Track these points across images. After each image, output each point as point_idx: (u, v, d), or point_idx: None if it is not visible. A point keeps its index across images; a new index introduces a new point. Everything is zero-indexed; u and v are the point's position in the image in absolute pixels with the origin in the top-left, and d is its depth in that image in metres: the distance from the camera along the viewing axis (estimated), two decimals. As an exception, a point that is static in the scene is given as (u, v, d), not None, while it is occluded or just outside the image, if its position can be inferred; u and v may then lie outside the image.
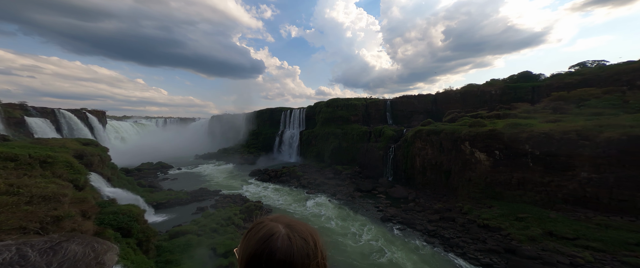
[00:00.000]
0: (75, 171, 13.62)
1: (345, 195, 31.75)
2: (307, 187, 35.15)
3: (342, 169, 42.55)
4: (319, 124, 54.69)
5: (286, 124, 64.21)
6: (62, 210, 7.53)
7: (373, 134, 44.14)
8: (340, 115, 52.22)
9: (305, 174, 40.34)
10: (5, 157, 10.81)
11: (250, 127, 70.48)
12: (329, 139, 50.26)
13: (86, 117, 50.14)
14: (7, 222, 6.09)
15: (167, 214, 23.55)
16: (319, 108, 57.32)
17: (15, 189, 7.85)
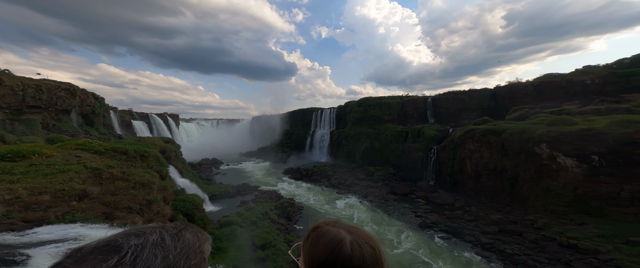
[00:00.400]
0: (161, 164, 17.29)
1: (378, 198, 30.15)
2: (338, 187, 34.99)
3: (374, 170, 40.59)
4: (350, 124, 53.96)
5: (317, 124, 65.66)
6: (152, 195, 9.32)
7: (410, 134, 40.99)
8: (373, 115, 50.43)
9: (336, 174, 40.25)
10: (121, 152, 14.64)
11: (284, 127, 75.05)
12: (361, 139, 48.73)
13: (167, 120, 64.82)
14: (121, 202, 7.49)
15: (218, 205, 25.93)
16: (350, 108, 56.68)
17: (126, 176, 9.71)
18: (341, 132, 54.46)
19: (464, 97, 45.68)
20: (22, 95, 25.00)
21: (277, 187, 35.18)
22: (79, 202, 5.90)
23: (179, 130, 69.18)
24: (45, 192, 5.51)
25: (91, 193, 6.33)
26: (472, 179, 28.55)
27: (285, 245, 16.07)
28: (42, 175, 6.73)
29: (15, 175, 6.43)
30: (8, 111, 23.93)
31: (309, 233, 0.90)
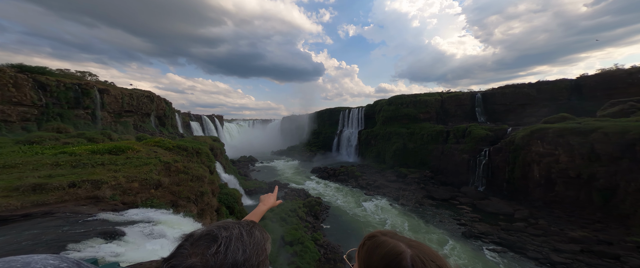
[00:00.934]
0: (210, 160, 19.87)
1: (411, 201, 27.91)
2: (366, 188, 33.86)
3: (407, 172, 37.62)
4: (379, 123, 51.57)
5: (344, 123, 64.95)
6: (204, 187, 10.32)
7: (453, 134, 36.39)
8: (406, 113, 46.98)
9: (364, 175, 39.06)
10: (182, 148, 17.57)
11: (312, 126, 76.77)
12: (391, 139, 45.91)
13: (214, 121, 75.59)
14: (182, 192, 8.53)
15: (253, 199, 27.04)
16: (379, 106, 54.27)
17: (186, 170, 10.76)
18: (370, 132, 52.47)
19: (529, 90, 37.53)
20: (121, 102, 33.45)
21: (304, 186, 36.28)
22: (156, 190, 7.58)
23: (222, 129, 79.74)
24: (135, 180, 7.31)
25: (163, 183, 8.04)
26: (542, 187, 23.14)
27: (312, 243, 16.55)
28: (133, 166, 8.90)
29: (117, 166, 8.73)
30: (113, 114, 32.42)
31: (365, 241, 0.86)
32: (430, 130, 40.03)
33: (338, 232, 20.96)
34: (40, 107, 23.84)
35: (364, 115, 58.77)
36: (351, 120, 62.13)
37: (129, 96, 35.18)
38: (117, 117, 32.98)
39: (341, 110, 67.30)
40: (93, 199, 5.51)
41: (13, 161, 7.61)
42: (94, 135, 16.02)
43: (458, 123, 40.59)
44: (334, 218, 23.99)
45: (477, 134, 32.31)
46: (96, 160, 8.55)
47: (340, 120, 66.34)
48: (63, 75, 29.11)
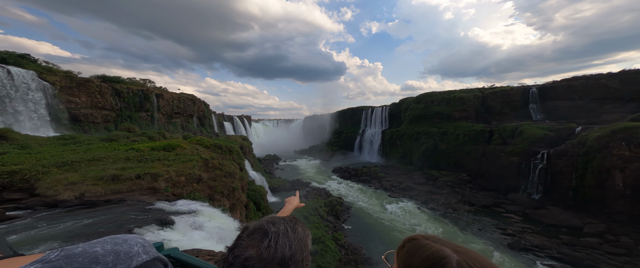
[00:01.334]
0: (240, 157, 21.79)
1: (443, 206, 25.53)
2: (390, 190, 32.37)
3: (438, 175, 34.56)
4: (406, 123, 48.55)
5: (367, 122, 63.30)
6: (235, 183, 11.12)
7: (498, 134, 32.03)
8: (437, 112, 43.16)
9: (388, 176, 37.52)
10: (218, 146, 19.62)
11: (333, 126, 76.84)
12: (420, 139, 42.68)
13: (243, 121, 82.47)
14: (218, 187, 9.34)
15: (277, 197, 27.91)
16: (406, 105, 51.20)
17: (221, 167, 11.52)
18: (395, 132, 49.87)
19: (609, 82, 30.22)
20: (172, 105, 39.38)
21: (326, 185, 36.45)
22: (197, 184, 8.74)
23: (250, 129, 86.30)
24: (182, 175, 8.58)
25: (203, 178, 9.23)
26: (626, 199, 18.46)
27: (333, 242, 16.55)
28: (181, 162, 10.43)
29: (169, 161, 10.35)
30: (165, 116, 38.39)
31: (404, 243, 0.83)
32: (468, 129, 35.79)
33: (360, 234, 20.52)
34: (117, 110, 29.81)
35: (388, 114, 56.48)
36: (374, 120, 60.25)
37: (177, 100, 41.08)
38: (168, 118, 38.92)
39: (363, 110, 65.69)
40: (152, 190, 6.69)
41: (99, 155, 9.79)
42: (152, 134, 19.25)
43: (505, 122, 35.21)
44: (355, 219, 23.59)
45: (532, 134, 27.43)
46: (154, 156, 10.31)
47: (363, 120, 64.79)
48: (131, 83, 35.68)
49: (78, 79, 26.26)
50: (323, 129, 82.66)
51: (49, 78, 23.35)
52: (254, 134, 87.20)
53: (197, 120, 48.27)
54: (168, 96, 39.09)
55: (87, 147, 11.61)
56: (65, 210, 4.77)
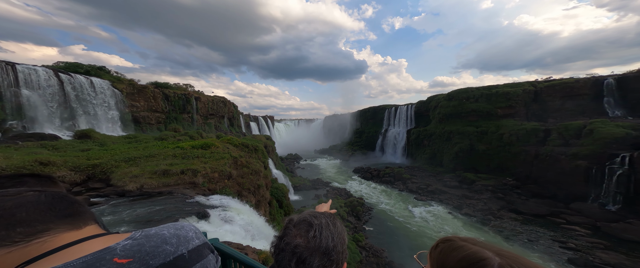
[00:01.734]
0: (264, 156, 23.17)
1: (482, 212, 22.86)
2: (416, 193, 30.43)
3: (475, 178, 31.03)
4: (435, 121, 44.73)
5: (390, 122, 60.56)
6: (260, 181, 12.84)
7: (557, 134, 27.39)
8: (474, 109, 38.74)
9: (414, 177, 35.30)
10: (245, 145, 21.51)
11: (354, 126, 75.52)
12: (452, 139, 38.75)
13: (267, 121, 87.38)
14: (245, 184, 10.12)
15: (298, 195, 28.84)
16: (435, 102, 47.32)
17: (248, 164, 12.57)
18: (422, 131, 46.41)
19: None
20: (207, 107, 44.22)
21: (346, 185, 36.02)
22: (228, 180, 9.69)
23: (273, 129, 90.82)
24: (216, 171, 9.64)
25: (233, 175, 10.18)
26: None
27: (354, 243, 16.32)
28: (214, 159, 11.68)
29: (206, 159, 11.70)
30: (202, 117, 43.31)
31: (438, 244, 0.80)
32: (516, 128, 31.10)
33: (382, 236, 19.82)
34: (166, 112, 34.87)
35: (414, 113, 53.17)
36: (398, 119, 57.30)
37: (211, 102, 45.85)
38: (204, 119, 43.75)
39: (386, 108, 62.93)
40: (192, 184, 7.71)
41: (153, 152, 11.68)
42: (193, 134, 21.98)
43: (566, 119, 29.52)
44: (377, 221, 22.79)
45: (607, 134, 22.37)
46: (194, 154, 11.79)
47: (386, 119, 62.14)
48: (176, 88, 41.17)
49: (138, 86, 31.57)
50: (343, 129, 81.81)
51: (118, 86, 28.64)
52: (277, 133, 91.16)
53: (227, 121, 53.06)
54: (204, 99, 43.91)
55: (144, 145, 13.94)
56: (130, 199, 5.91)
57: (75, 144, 14.01)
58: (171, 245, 0.63)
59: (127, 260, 0.54)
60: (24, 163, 7.29)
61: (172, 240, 0.64)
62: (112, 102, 27.37)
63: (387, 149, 56.31)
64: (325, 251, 0.69)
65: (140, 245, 0.58)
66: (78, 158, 9.01)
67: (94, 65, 30.49)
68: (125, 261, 0.54)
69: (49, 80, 22.59)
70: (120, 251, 0.55)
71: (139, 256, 0.56)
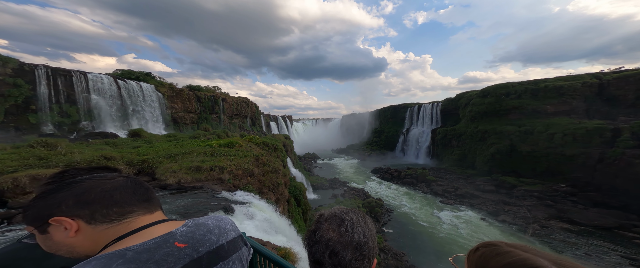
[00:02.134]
0: (283, 155, 24.03)
1: (524, 220, 20.28)
2: (442, 196, 28.32)
3: (516, 183, 27.65)
4: (466, 120, 40.80)
5: (413, 121, 57.27)
6: (279, 179, 11.81)
7: (631, 134, 23.03)
8: (515, 106, 34.42)
9: (440, 180, 32.87)
10: (265, 144, 22.17)
11: (373, 125, 73.43)
12: (487, 140, 34.94)
13: (286, 121, 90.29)
14: (266, 182, 10.23)
15: (316, 194, 28.96)
16: (466, 100, 43.40)
17: (268, 163, 12.62)
18: (450, 130, 42.70)
19: None
20: (232, 108, 47.72)
21: (365, 186, 35.22)
22: (250, 177, 10.37)
23: (292, 128, 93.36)
24: (240, 169, 10.40)
25: (254, 172, 10.86)
26: None
27: (373, 246, 15.89)
28: (239, 157, 12.58)
29: (231, 156, 12.69)
30: (228, 117, 46.89)
31: (479, 247, 0.73)
32: (573, 127, 26.60)
33: (403, 239, 18.95)
34: (198, 113, 38.74)
35: (440, 111, 49.67)
36: (422, 117, 53.95)
37: (236, 103, 49.28)
38: (230, 119, 47.29)
39: (408, 107, 59.66)
40: (219, 180, 8.48)
41: (188, 150, 13.14)
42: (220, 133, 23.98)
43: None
44: (397, 224, 21.83)
45: None
46: (221, 152, 12.89)
47: (407, 118, 58.97)
48: (206, 90, 45.30)
49: (176, 89, 35.67)
50: (362, 128, 79.88)
51: (161, 89, 32.78)
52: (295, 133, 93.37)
53: (250, 121, 56.35)
54: (230, 100, 47.40)
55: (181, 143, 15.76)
56: (170, 192, 6.81)
57: (129, 142, 16.62)
58: (214, 234, 0.71)
59: (184, 245, 0.63)
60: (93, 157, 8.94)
61: (215, 230, 0.72)
62: (156, 104, 31.54)
63: (409, 149, 53.46)
64: (358, 246, 0.70)
65: (192, 233, 0.67)
66: (131, 154, 10.67)
67: (142, 72, 35.43)
68: (183, 245, 0.63)
69: (110, 86, 27.05)
70: (179, 236, 0.65)
71: (192, 242, 0.65)
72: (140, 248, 0.57)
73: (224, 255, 0.70)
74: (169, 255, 0.59)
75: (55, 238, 0.59)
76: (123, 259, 0.54)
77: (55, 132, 21.59)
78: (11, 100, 20.24)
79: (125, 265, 0.53)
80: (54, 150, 9.48)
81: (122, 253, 0.55)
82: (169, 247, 0.61)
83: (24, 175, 5.37)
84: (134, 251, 0.56)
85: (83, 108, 24.22)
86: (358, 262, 0.70)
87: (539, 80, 34.72)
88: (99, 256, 0.55)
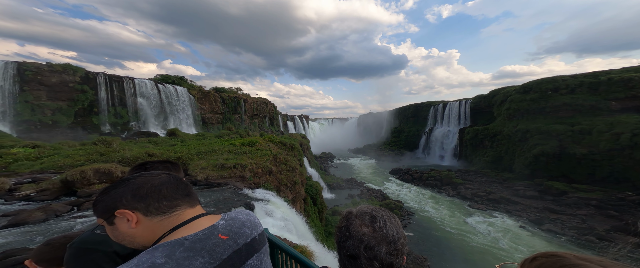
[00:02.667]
0: (300, 154, 24.55)
1: (577, 231, 17.65)
2: (471, 200, 25.88)
3: (567, 189, 24.34)
4: (502, 118, 36.95)
5: (437, 120, 53.45)
6: (296, 178, 12.12)
7: None
8: (567, 102, 30.20)
9: (468, 182, 30.26)
10: (283, 143, 18.47)
11: (392, 124, 70.49)
12: (529, 140, 31.16)
13: (302, 120, 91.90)
14: (283, 180, 10.45)
15: (332, 194, 28.61)
16: (502, 96, 39.27)
17: (285, 162, 12.89)
18: (482, 130, 38.91)
19: None
20: (253, 108, 50.40)
21: (383, 187, 33.98)
22: (269, 175, 10.87)
23: (308, 128, 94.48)
24: (259, 167, 10.98)
25: (273, 171, 11.35)
26: None
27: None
28: (258, 156, 13.27)
29: (252, 155, 13.45)
30: (249, 117, 49.63)
31: (538, 256, 0.67)
32: None
33: (425, 244, 17.90)
34: (222, 113, 41.84)
35: (469, 110, 45.71)
36: (448, 116, 50.17)
37: (256, 103, 51.87)
38: (250, 119, 50.00)
39: (432, 105, 55.91)
40: (241, 178, 9.08)
41: (215, 148, 14.33)
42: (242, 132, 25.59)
43: None
44: (419, 228, 20.63)
45: None
46: (243, 150, 13.76)
47: (431, 117, 55.29)
48: (229, 92, 48.57)
49: (204, 91, 39.04)
50: (379, 128, 77.08)
51: (192, 92, 36.23)
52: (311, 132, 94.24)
53: (268, 120, 58.74)
54: (251, 101, 50.06)
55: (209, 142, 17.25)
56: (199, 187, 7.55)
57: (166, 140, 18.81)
58: (248, 228, 0.78)
59: (226, 237, 0.70)
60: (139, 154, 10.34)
61: (247, 224, 0.79)
62: (188, 105, 35.02)
63: (433, 150, 50.06)
64: (391, 241, 0.72)
65: (230, 226, 0.74)
66: (168, 152, 12.07)
67: (177, 76, 39.59)
68: (225, 237, 0.70)
69: (152, 90, 30.85)
70: (221, 229, 0.71)
71: (231, 235, 0.72)
72: (194, 238, 0.65)
73: (256, 247, 0.77)
74: (216, 246, 0.67)
75: (121, 229, 0.68)
76: (183, 247, 0.62)
77: (111, 131, 25.55)
78: (79, 104, 24.57)
79: (185, 252, 0.61)
80: (110, 147, 11.23)
81: (181, 242, 0.63)
82: (214, 238, 0.68)
83: (89, 169, 6.52)
84: (189, 240, 0.64)
85: (131, 110, 28.15)
86: (392, 257, 0.71)
87: (599, 72, 29.42)
88: (164, 243, 0.63)
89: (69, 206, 5.19)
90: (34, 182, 6.61)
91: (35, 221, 4.39)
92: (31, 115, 21.99)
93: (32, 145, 12.09)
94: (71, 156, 9.53)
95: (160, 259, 0.58)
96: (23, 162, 8.99)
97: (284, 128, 69.05)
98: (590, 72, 30.35)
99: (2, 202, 5.38)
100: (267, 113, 57.24)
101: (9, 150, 10.58)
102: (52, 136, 21.15)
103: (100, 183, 6.54)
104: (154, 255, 0.59)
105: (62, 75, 24.10)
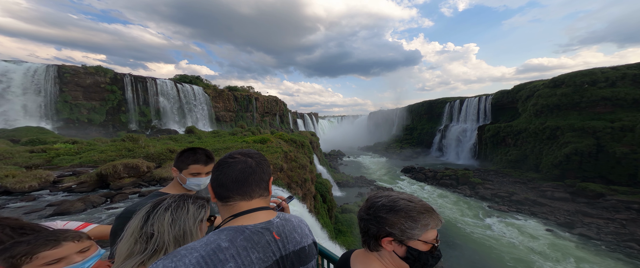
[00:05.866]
0: (310, 152, 24.55)
1: (614, 237, 16.27)
2: (490, 200, 24.61)
3: (604, 191, 22.47)
4: (528, 115, 34.49)
5: (453, 117, 50.92)
6: (306, 175, 12.30)
7: None
8: (605, 97, 27.34)
9: (487, 182, 28.61)
10: (293, 141, 18.35)
11: (404, 122, 68.36)
12: (560, 138, 28.95)
13: (312, 118, 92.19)
14: (294, 177, 10.64)
15: (341, 192, 28.60)
16: (528, 91, 36.79)
17: (296, 159, 13.13)
18: (505, 127, 36.46)
19: None
20: (264, 106, 51.52)
21: (394, 185, 33.24)
22: (280, 172, 11.09)
23: (317, 125, 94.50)
24: (271, 164, 11.20)
25: (284, 168, 11.55)
26: None
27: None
28: (270, 153, 13.58)
29: (263, 152, 13.80)
30: (260, 115, 50.81)
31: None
32: None
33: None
34: (235, 111, 43.25)
35: (490, 106, 43.06)
36: (466, 113, 47.57)
37: (267, 101, 52.88)
38: (261, 117, 51.16)
39: (447, 102, 53.35)
40: (254, 174, 9.32)
41: (228, 144, 14.91)
42: (253, 130, 26.26)
43: None
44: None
45: None
46: (255, 148, 14.16)
47: (446, 113, 52.80)
48: (241, 90, 49.95)
49: (218, 90, 40.56)
50: (390, 125, 74.93)
51: (207, 91, 37.78)
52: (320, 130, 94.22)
53: (278, 118, 59.67)
54: (262, 99, 51.10)
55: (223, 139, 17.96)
56: (216, 182, 7.89)
57: (185, 137, 19.92)
58: (298, 234, 0.76)
59: (278, 237, 0.70)
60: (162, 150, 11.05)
61: (298, 229, 0.77)
62: (204, 104, 36.67)
63: (448, 148, 47.81)
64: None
65: (282, 226, 0.73)
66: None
67: (194, 76, 41.48)
68: (278, 238, 0.70)
69: (172, 89, 32.67)
70: (275, 227, 0.71)
71: (282, 236, 0.71)
72: (253, 229, 0.67)
73: (304, 259, 0.74)
74: (269, 244, 0.67)
75: None
76: (243, 235, 0.65)
77: (137, 129, 27.62)
78: (110, 103, 26.79)
79: (245, 241, 0.64)
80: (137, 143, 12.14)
81: (242, 229, 0.66)
82: (269, 235, 0.69)
83: (119, 163, 7.11)
84: (250, 230, 0.67)
85: (153, 108, 30.13)
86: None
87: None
88: (228, 227, 0.66)
89: (103, 198, 5.72)
90: (74, 175, 7.36)
91: (76, 211, 4.89)
92: (70, 113, 24.39)
93: (72, 141, 13.46)
94: (104, 151, 10.44)
95: (225, 242, 0.62)
96: (64, 156, 10.04)
97: (293, 126, 69.68)
98: (634, 64, 26.77)
99: (48, 193, 6.06)
100: (278, 111, 58.08)
101: (52, 145, 11.87)
102: (87, 133, 23.35)
103: (129, 177, 7.11)
104: (219, 237, 0.63)
105: (95, 77, 26.38)
